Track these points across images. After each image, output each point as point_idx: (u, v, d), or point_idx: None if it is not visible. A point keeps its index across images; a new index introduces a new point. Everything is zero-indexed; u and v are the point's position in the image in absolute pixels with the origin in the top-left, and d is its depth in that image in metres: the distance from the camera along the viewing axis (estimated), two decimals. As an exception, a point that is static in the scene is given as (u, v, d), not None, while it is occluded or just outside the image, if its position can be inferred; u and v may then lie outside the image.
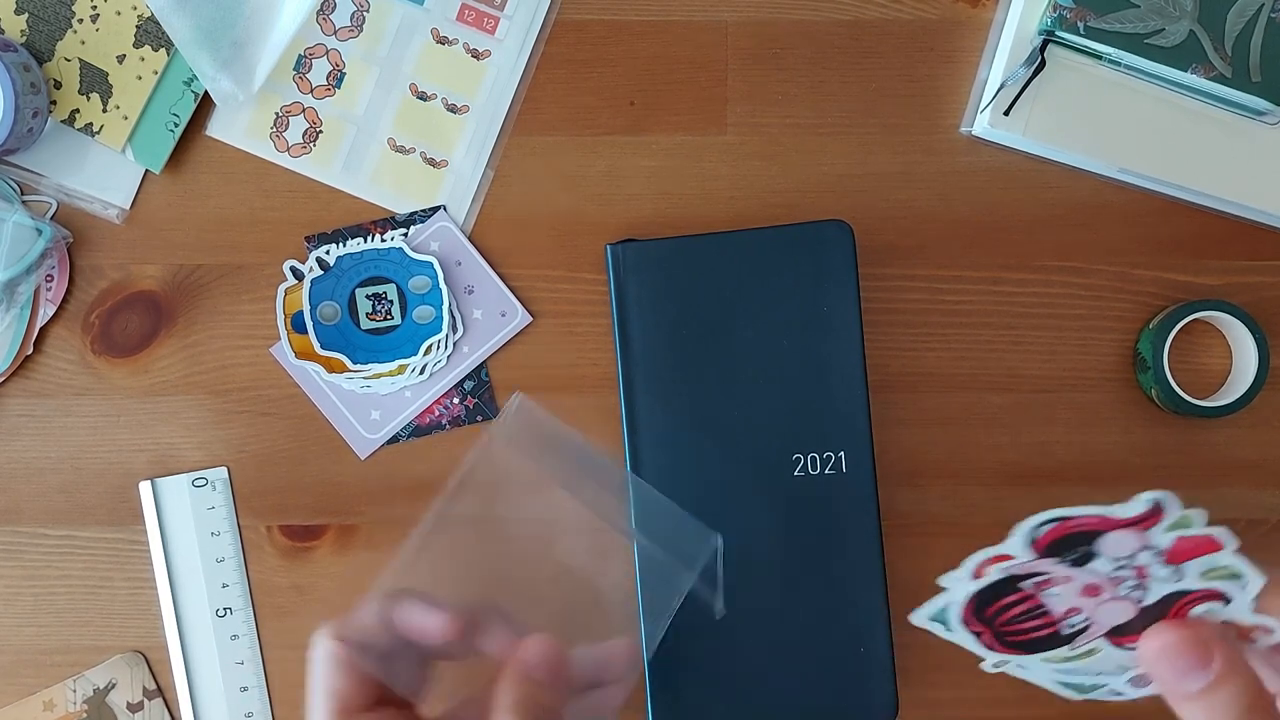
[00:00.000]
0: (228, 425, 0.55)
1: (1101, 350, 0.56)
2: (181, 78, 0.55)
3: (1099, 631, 0.33)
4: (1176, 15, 0.53)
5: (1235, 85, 0.53)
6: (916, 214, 0.56)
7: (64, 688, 0.55)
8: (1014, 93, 0.53)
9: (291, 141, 0.56)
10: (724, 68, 0.56)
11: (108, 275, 0.56)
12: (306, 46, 0.56)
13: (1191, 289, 0.56)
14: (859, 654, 0.53)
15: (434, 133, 0.56)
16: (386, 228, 0.55)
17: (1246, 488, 0.56)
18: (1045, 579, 0.31)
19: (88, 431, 0.55)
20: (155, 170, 0.55)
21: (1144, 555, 0.30)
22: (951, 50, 0.56)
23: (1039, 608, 0.32)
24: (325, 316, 0.55)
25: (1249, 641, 0.33)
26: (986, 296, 0.56)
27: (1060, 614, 0.32)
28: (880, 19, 0.56)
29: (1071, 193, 0.56)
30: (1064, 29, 0.52)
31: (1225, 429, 0.56)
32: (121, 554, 0.55)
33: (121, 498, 0.55)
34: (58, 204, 0.55)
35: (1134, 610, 0.32)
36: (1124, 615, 0.32)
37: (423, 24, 0.56)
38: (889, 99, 0.56)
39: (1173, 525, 0.29)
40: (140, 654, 0.55)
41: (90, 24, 0.55)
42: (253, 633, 0.55)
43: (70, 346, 0.55)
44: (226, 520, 0.55)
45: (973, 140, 0.56)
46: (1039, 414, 0.56)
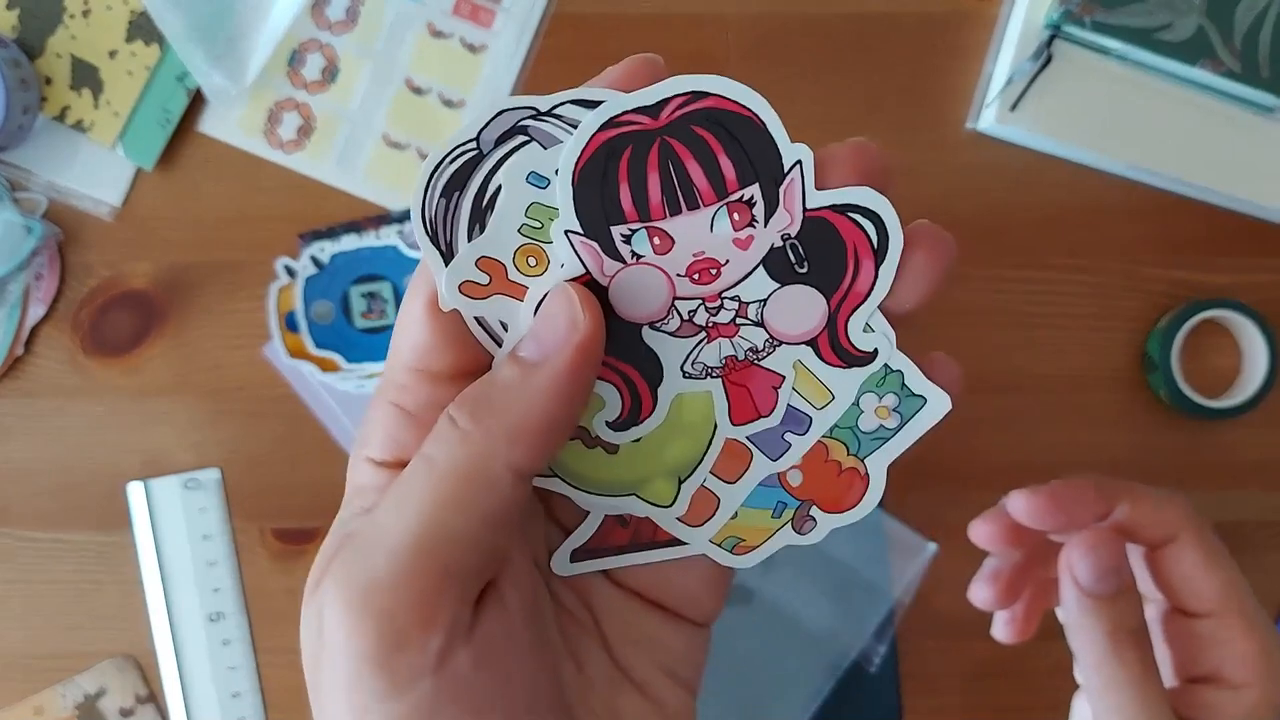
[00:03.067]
0: (220, 426, 0.55)
1: (1109, 350, 0.55)
2: (174, 73, 0.54)
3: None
4: (1185, 10, 0.52)
5: (1244, 80, 0.52)
6: (922, 211, 0.54)
7: (54, 693, 0.54)
8: (1021, 88, 0.53)
9: (285, 137, 0.55)
10: (725, 62, 0.55)
11: (98, 274, 0.55)
12: (300, 41, 0.55)
13: (1201, 288, 0.55)
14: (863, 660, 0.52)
15: (429, 128, 0.55)
16: (381, 224, 0.55)
17: (1256, 489, 0.55)
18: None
19: (78, 432, 0.55)
20: (147, 167, 0.54)
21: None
22: (957, 45, 0.55)
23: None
24: (319, 315, 0.54)
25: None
26: (993, 295, 0.55)
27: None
28: (885, 13, 0.55)
29: (1079, 190, 0.55)
30: (1071, 23, 0.52)
31: (1235, 430, 0.55)
32: (113, 557, 0.55)
33: (113, 499, 0.54)
34: (48, 201, 0.54)
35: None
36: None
37: (418, 18, 0.55)
38: (894, 94, 0.55)
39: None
40: (132, 659, 0.54)
41: (82, 19, 0.54)
42: (246, 638, 0.54)
43: (60, 346, 0.55)
44: (218, 522, 0.54)
45: (979, 136, 0.55)
46: (1046, 414, 0.55)
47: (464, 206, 0.23)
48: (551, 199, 0.22)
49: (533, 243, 0.23)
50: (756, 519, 0.24)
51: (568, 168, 0.22)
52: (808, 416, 0.23)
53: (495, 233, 0.22)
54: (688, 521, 0.24)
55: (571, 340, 0.22)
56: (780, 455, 0.24)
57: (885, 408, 0.23)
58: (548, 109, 0.23)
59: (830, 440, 0.23)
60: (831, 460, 0.23)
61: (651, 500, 0.24)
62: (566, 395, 0.22)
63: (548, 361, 0.22)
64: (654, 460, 0.24)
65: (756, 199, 0.23)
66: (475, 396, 0.22)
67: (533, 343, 0.22)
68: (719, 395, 0.23)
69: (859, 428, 0.23)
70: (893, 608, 0.53)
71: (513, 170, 0.22)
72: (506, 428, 0.21)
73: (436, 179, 0.23)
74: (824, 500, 0.24)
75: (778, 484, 0.24)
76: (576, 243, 0.22)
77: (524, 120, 0.23)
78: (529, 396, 0.21)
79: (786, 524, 0.24)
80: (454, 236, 0.23)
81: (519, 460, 0.21)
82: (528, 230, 0.23)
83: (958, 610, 0.46)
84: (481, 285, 0.23)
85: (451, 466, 0.21)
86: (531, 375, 0.22)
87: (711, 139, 0.23)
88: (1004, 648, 0.44)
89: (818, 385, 0.23)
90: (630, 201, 0.22)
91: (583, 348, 0.22)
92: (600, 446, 0.23)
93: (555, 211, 0.22)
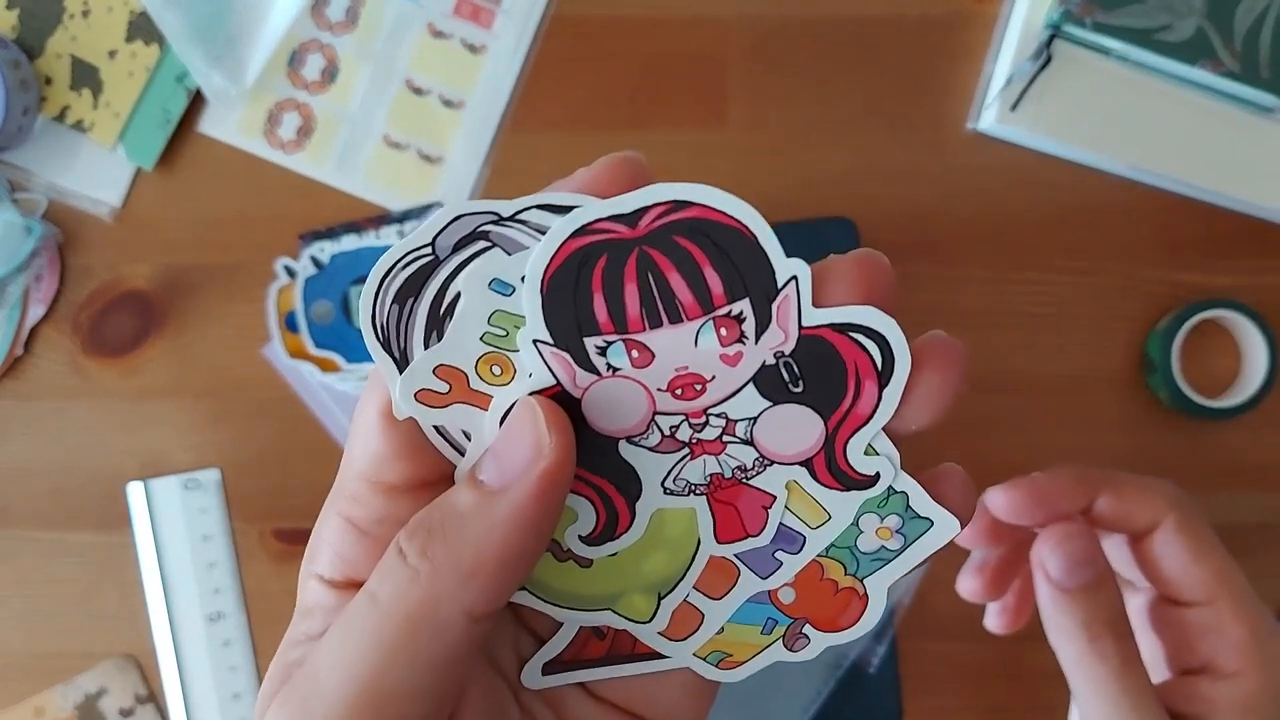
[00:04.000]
0: (219, 427, 0.54)
1: (1109, 351, 0.55)
2: (174, 73, 0.54)
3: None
4: (1185, 10, 0.52)
5: (1244, 81, 0.52)
6: (922, 211, 0.55)
7: (54, 693, 0.54)
8: (1021, 88, 0.53)
9: (285, 138, 0.55)
10: (725, 63, 0.55)
11: (98, 275, 0.55)
12: (300, 41, 0.55)
13: (1201, 288, 0.55)
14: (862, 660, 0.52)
15: (429, 129, 0.55)
16: (381, 225, 0.55)
17: (1256, 491, 0.55)
18: None
19: (78, 433, 0.55)
20: (147, 167, 0.54)
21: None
22: (957, 45, 0.55)
23: None
24: (319, 315, 0.54)
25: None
26: (993, 296, 0.55)
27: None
28: (885, 14, 0.55)
29: (1079, 190, 0.55)
30: (1071, 23, 0.52)
31: (1235, 431, 0.55)
32: (113, 557, 0.54)
33: (112, 500, 0.54)
34: (48, 202, 0.54)
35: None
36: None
37: (418, 18, 0.55)
38: (893, 95, 0.55)
39: None
40: (132, 659, 0.54)
41: (81, 19, 0.54)
42: (246, 638, 0.54)
43: (60, 347, 0.55)
44: (218, 523, 0.54)
45: (979, 137, 0.55)
46: (1046, 415, 0.55)
47: (419, 313, 0.21)
48: (517, 306, 0.21)
49: (497, 351, 0.21)
50: (745, 634, 0.22)
51: (535, 274, 0.20)
52: (801, 536, 0.22)
53: (455, 340, 0.21)
54: (669, 636, 0.22)
55: (537, 466, 0.19)
56: (770, 574, 0.22)
57: (887, 529, 0.22)
58: (511, 214, 0.21)
59: (826, 560, 0.22)
60: (828, 579, 0.22)
61: (628, 616, 0.22)
62: (531, 527, 0.19)
63: (510, 489, 0.19)
64: (631, 575, 0.22)
65: (746, 314, 0.21)
66: (429, 525, 0.20)
67: (493, 464, 0.20)
68: (704, 513, 0.22)
69: (858, 548, 0.22)
70: (892, 608, 0.53)
71: (474, 276, 0.21)
72: (461, 565, 0.19)
73: (388, 284, 0.21)
74: (818, 619, 0.22)
75: (768, 601, 0.22)
76: (546, 353, 0.21)
77: (484, 225, 0.21)
78: (487, 528, 0.19)
79: (777, 640, 0.22)
80: (408, 344, 0.21)
81: (474, 602, 0.19)
82: (491, 338, 0.21)
83: (958, 610, 0.46)
84: (440, 394, 0.21)
85: (397, 608, 0.19)
86: (492, 504, 0.19)
87: (696, 250, 0.21)
88: (1004, 648, 0.44)
89: (813, 505, 0.22)
90: (606, 313, 0.21)
91: (549, 475, 0.19)
92: (572, 559, 0.22)
93: (521, 319, 0.21)
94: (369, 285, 0.21)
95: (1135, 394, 0.55)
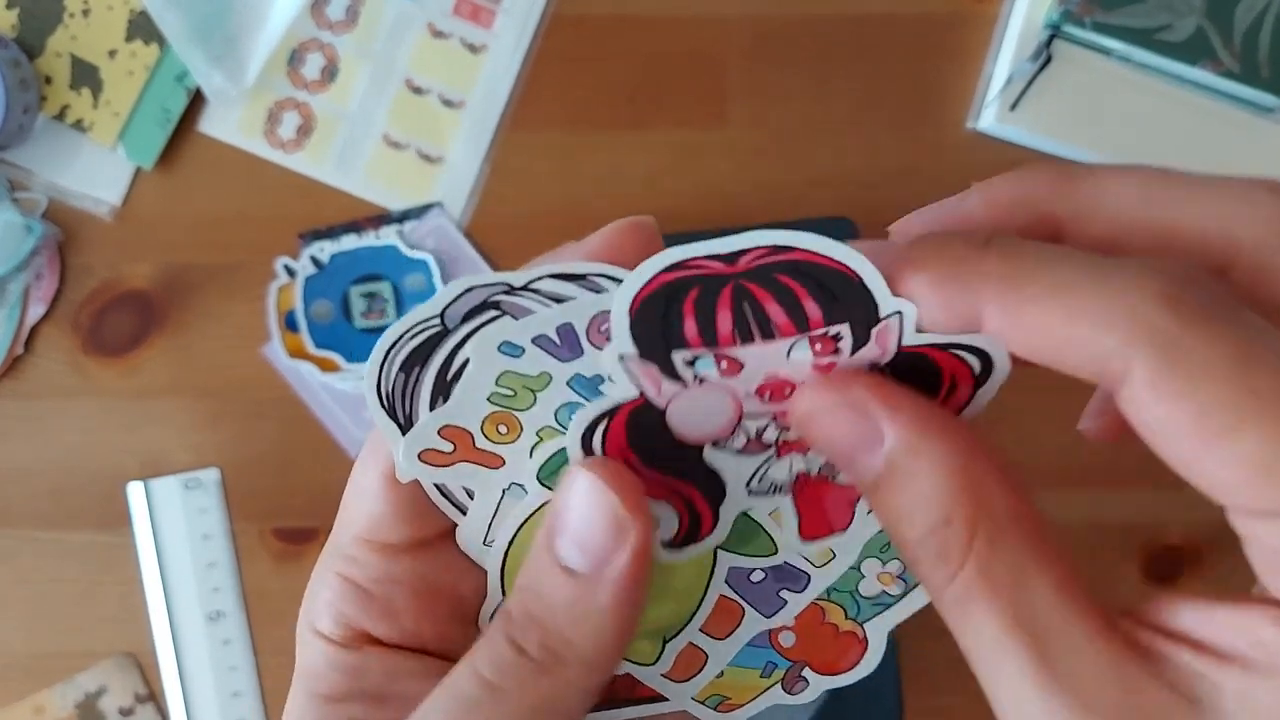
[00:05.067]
0: (219, 426, 0.54)
1: (1109, 350, 0.55)
2: (173, 73, 0.54)
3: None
4: (1184, 10, 0.52)
5: (1244, 81, 0.52)
6: (921, 211, 0.55)
7: (54, 692, 0.54)
8: (1020, 88, 0.53)
9: (285, 137, 0.55)
10: (725, 62, 0.55)
11: (98, 274, 0.55)
12: (300, 41, 0.55)
13: (1200, 288, 0.55)
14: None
15: (429, 128, 0.55)
16: (381, 224, 0.55)
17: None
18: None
19: (78, 433, 0.55)
20: (147, 167, 0.54)
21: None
22: (957, 45, 0.55)
23: None
24: (319, 315, 0.54)
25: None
26: (992, 295, 0.55)
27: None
28: (884, 13, 0.55)
29: (1078, 190, 0.55)
30: (1071, 23, 0.52)
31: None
32: (113, 556, 0.54)
33: (112, 499, 0.54)
34: (48, 201, 0.54)
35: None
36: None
37: (418, 18, 0.55)
38: (893, 94, 0.55)
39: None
40: (132, 658, 0.54)
41: (81, 18, 0.54)
42: (246, 637, 0.54)
43: (60, 346, 0.55)
44: (218, 522, 0.54)
45: (979, 136, 0.55)
46: (1046, 414, 0.55)
47: (426, 380, 0.21)
48: (526, 367, 0.21)
49: (503, 410, 0.21)
50: (744, 677, 0.23)
51: (624, 301, 0.19)
52: (806, 575, 0.22)
53: (461, 401, 0.21)
54: (671, 677, 0.23)
55: (624, 550, 0.19)
56: (774, 613, 0.22)
57: (889, 574, 0.22)
58: (523, 284, 0.20)
59: (828, 603, 0.22)
60: (829, 623, 0.22)
61: (633, 659, 0.22)
62: (635, 605, 0.20)
63: (605, 576, 0.20)
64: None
65: (844, 336, 0.19)
66: (537, 618, 0.20)
67: (575, 550, 0.20)
68: (788, 512, 0.22)
69: (859, 592, 0.22)
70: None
71: (483, 340, 0.21)
72: (584, 657, 0.20)
73: (395, 353, 0.21)
74: (818, 662, 0.22)
75: (768, 644, 0.22)
76: (632, 364, 0.20)
77: (495, 296, 0.21)
78: (597, 619, 0.20)
79: (776, 684, 0.23)
80: (414, 409, 0.21)
81: (597, 686, 0.20)
82: (498, 398, 0.21)
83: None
84: (444, 453, 0.21)
85: (527, 703, 0.20)
86: (593, 593, 0.20)
87: (795, 285, 0.19)
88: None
89: (819, 544, 0.22)
90: (696, 331, 0.19)
91: (639, 556, 0.19)
92: None
93: (529, 379, 0.21)
94: (375, 354, 0.21)
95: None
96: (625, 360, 0.20)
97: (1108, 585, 0.52)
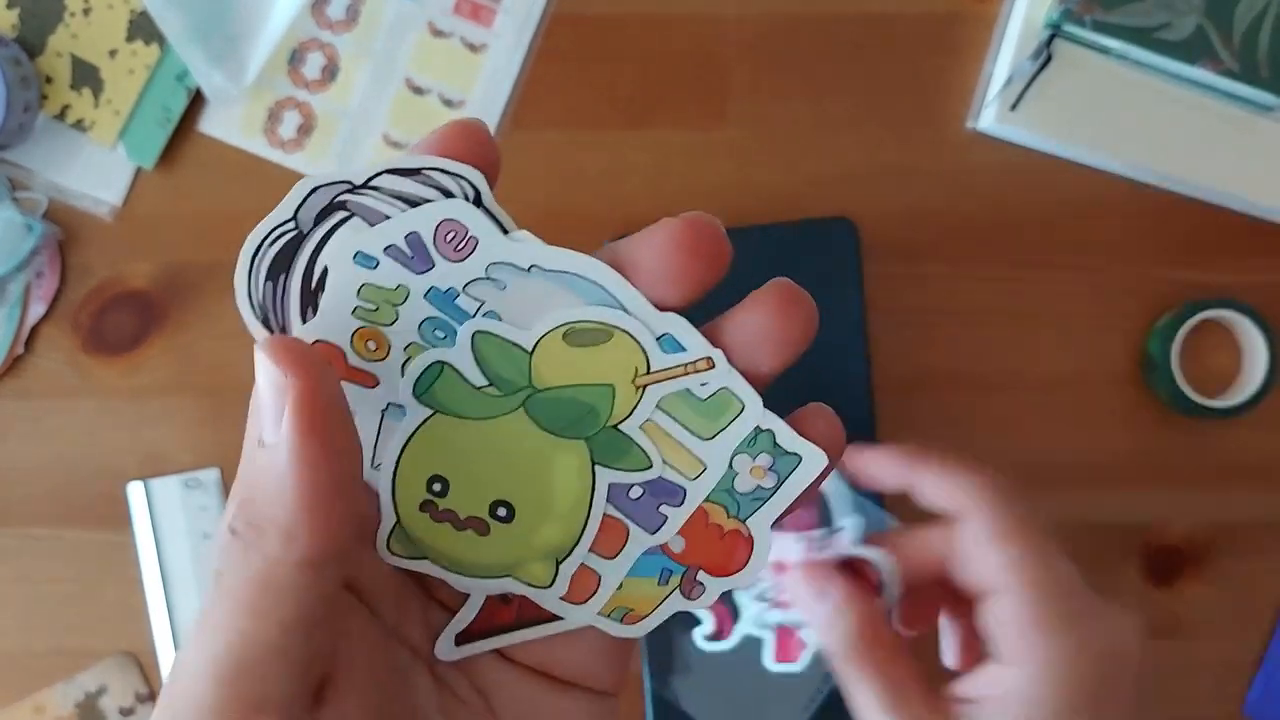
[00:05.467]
0: (220, 426, 0.54)
1: (1109, 350, 0.55)
2: (174, 72, 0.54)
3: None
4: (1184, 9, 0.52)
5: (1244, 80, 0.52)
6: (922, 211, 0.55)
7: (54, 692, 0.54)
8: (1020, 88, 0.53)
9: (285, 136, 0.55)
10: (725, 62, 0.55)
11: (98, 273, 0.55)
12: (300, 40, 0.55)
13: (1201, 287, 0.55)
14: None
15: (430, 127, 0.55)
16: (381, 224, 0.55)
17: (1256, 491, 0.55)
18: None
19: (78, 432, 0.55)
20: (147, 166, 0.54)
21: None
22: (957, 44, 0.55)
23: None
24: (319, 315, 0.54)
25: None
26: (992, 295, 0.55)
27: None
28: (884, 13, 0.55)
29: (1079, 189, 0.55)
30: (1071, 23, 0.52)
31: (1234, 430, 0.55)
32: (113, 556, 0.54)
33: (113, 499, 0.54)
34: (48, 200, 0.54)
35: None
36: None
37: (418, 17, 0.55)
38: (894, 94, 0.55)
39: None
40: (132, 657, 0.54)
41: (82, 18, 0.54)
42: (246, 636, 0.54)
43: (60, 346, 0.55)
44: (219, 522, 0.54)
45: (979, 136, 0.55)
46: (1045, 414, 0.55)
47: (292, 289, 0.21)
48: (383, 279, 0.21)
49: (369, 326, 0.22)
50: (643, 588, 0.23)
51: None
52: (681, 488, 0.23)
53: (328, 314, 0.21)
54: (571, 600, 0.23)
55: (287, 404, 0.19)
56: (657, 528, 0.23)
57: (760, 468, 0.22)
58: (363, 182, 0.21)
59: (709, 504, 0.23)
60: (713, 524, 0.23)
61: (529, 582, 0.23)
62: (313, 460, 0.19)
63: (281, 436, 0.19)
64: (525, 544, 0.23)
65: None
66: (242, 498, 0.20)
67: (259, 421, 0.20)
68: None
69: (735, 490, 0.23)
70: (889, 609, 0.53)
71: (337, 250, 0.21)
72: (280, 523, 0.19)
73: (259, 262, 0.21)
74: (710, 565, 0.23)
75: (660, 552, 0.23)
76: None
77: (341, 195, 0.21)
78: (280, 480, 0.19)
79: (674, 590, 0.23)
80: (286, 320, 0.22)
81: (304, 550, 0.19)
82: (362, 313, 0.21)
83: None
84: None
85: (240, 579, 0.19)
86: (275, 456, 0.19)
87: None
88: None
89: (687, 455, 0.22)
90: None
91: (299, 406, 0.19)
92: (471, 529, 0.23)
93: (388, 291, 0.21)
94: (241, 263, 0.21)
95: (1135, 393, 0.55)
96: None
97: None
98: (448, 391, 0.22)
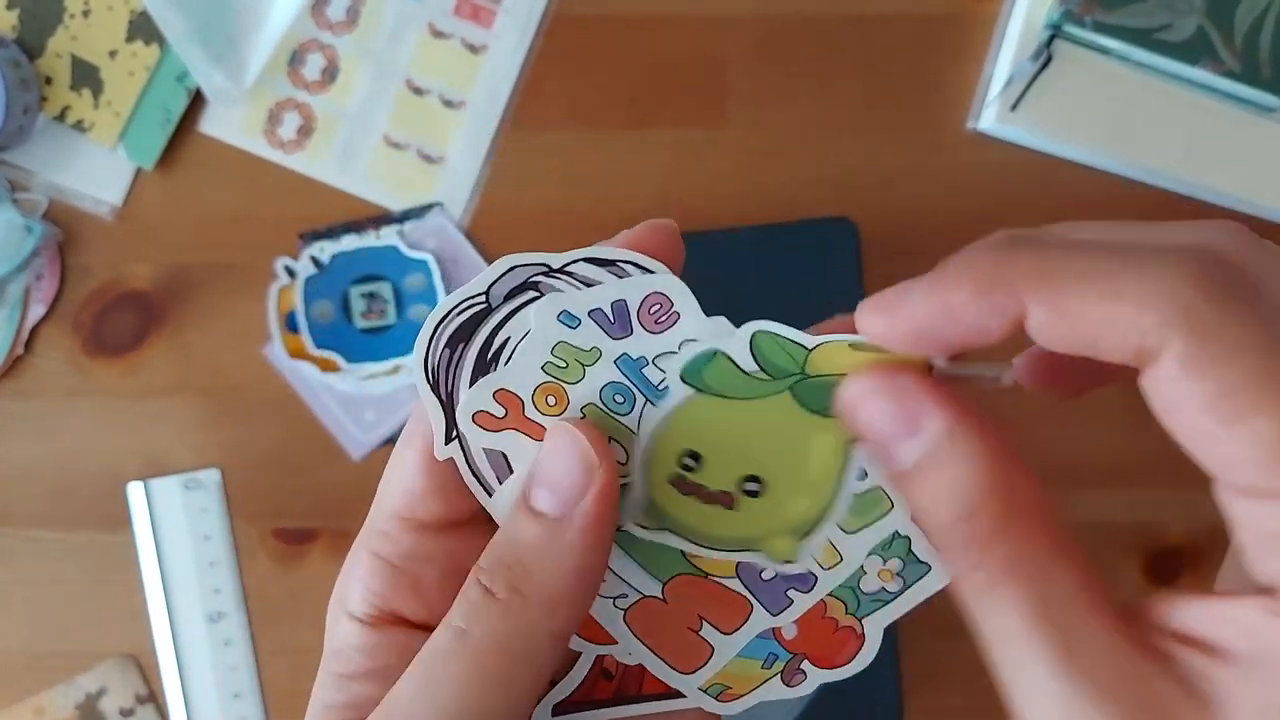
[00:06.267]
0: (220, 426, 0.54)
1: (1109, 350, 0.55)
2: (174, 73, 0.54)
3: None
4: (1185, 10, 0.52)
5: (1245, 80, 0.52)
6: (922, 211, 0.55)
7: (55, 693, 0.54)
8: (1021, 88, 0.53)
9: (285, 137, 0.55)
10: (726, 62, 0.55)
11: (98, 274, 0.55)
12: (300, 41, 0.55)
13: (1201, 288, 0.55)
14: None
15: (430, 128, 0.55)
16: (381, 225, 0.55)
17: (1257, 490, 0.55)
18: None
19: (78, 433, 0.55)
20: (147, 167, 0.54)
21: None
22: (958, 45, 0.55)
23: None
24: (319, 315, 0.54)
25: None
26: (992, 295, 0.55)
27: None
28: (885, 14, 0.55)
29: (1079, 190, 0.55)
30: (1071, 23, 0.52)
31: (1235, 430, 0.55)
32: (113, 557, 0.54)
33: (113, 500, 0.54)
34: (48, 201, 0.54)
35: None
36: None
37: (419, 18, 0.55)
38: (894, 94, 0.55)
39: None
40: (132, 658, 0.54)
41: (82, 19, 0.54)
42: (247, 638, 0.54)
43: (60, 347, 0.55)
44: (219, 523, 0.54)
45: (980, 136, 0.55)
46: (1045, 414, 0.55)
47: (468, 358, 0.22)
48: (579, 340, 0.22)
49: (554, 382, 0.22)
50: (746, 668, 0.23)
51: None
52: (813, 576, 0.23)
53: (518, 367, 0.22)
54: (678, 669, 0.23)
55: (593, 489, 0.20)
56: (781, 611, 0.23)
57: (889, 571, 0.23)
58: (560, 266, 0.22)
59: (830, 598, 0.23)
60: (829, 617, 0.23)
61: (772, 555, 0.23)
62: (599, 545, 0.20)
63: (573, 516, 0.20)
64: (773, 517, 0.23)
65: None
66: (507, 561, 0.21)
67: (547, 493, 0.21)
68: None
69: (860, 588, 0.23)
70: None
71: (546, 306, 0.22)
72: (547, 593, 0.20)
73: (442, 329, 0.22)
74: (816, 655, 0.23)
75: (771, 636, 0.23)
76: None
77: (535, 276, 0.23)
78: (560, 556, 0.20)
79: (776, 675, 0.23)
80: (455, 387, 0.22)
81: (562, 625, 0.20)
82: (551, 368, 0.22)
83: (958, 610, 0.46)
84: (496, 418, 0.22)
85: (493, 641, 0.20)
86: (560, 533, 0.20)
87: None
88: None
89: (829, 547, 0.23)
90: None
91: (605, 494, 0.20)
92: (719, 502, 0.23)
93: (582, 352, 0.22)
94: (425, 329, 0.22)
95: (1135, 393, 0.55)
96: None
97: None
98: (716, 374, 0.22)
